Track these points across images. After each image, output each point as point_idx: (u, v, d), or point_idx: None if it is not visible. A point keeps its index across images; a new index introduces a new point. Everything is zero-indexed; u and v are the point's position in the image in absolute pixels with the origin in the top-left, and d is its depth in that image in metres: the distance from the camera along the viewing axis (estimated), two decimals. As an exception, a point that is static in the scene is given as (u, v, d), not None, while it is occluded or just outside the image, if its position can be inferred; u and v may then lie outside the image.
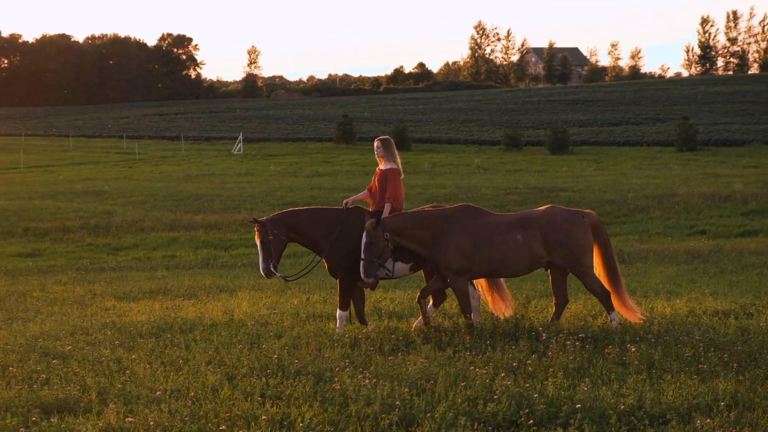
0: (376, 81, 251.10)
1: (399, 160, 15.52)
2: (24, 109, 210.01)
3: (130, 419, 9.96)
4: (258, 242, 14.91)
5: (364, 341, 14.20)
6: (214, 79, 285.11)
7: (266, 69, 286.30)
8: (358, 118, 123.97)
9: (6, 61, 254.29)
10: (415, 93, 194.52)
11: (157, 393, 11.17)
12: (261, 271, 15.08)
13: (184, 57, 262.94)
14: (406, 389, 11.07)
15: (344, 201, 15.44)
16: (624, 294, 15.12)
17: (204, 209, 46.16)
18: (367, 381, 11.57)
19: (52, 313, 19.34)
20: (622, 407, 10.17)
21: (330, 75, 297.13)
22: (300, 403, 10.72)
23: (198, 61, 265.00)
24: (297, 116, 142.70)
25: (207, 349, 14.02)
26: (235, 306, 19.04)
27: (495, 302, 15.52)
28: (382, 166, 15.36)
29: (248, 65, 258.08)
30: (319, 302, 19.50)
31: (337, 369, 12.32)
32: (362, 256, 14.27)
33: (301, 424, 9.91)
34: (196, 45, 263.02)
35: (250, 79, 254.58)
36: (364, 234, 14.27)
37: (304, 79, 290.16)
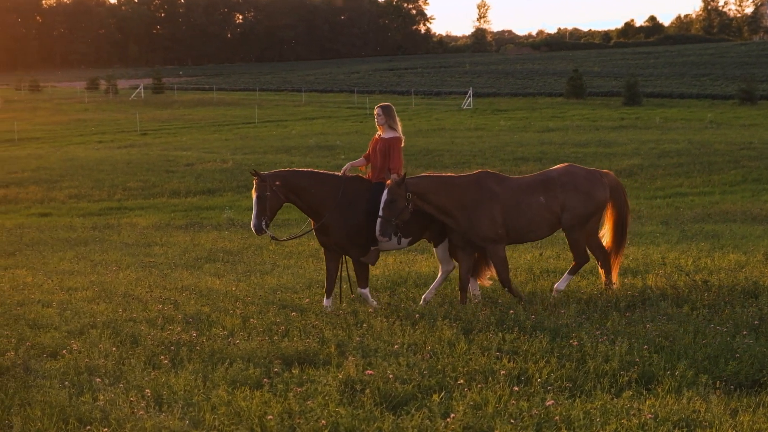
0: (606, 35, 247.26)
1: (400, 128, 14.76)
2: (257, 64, 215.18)
3: (369, 372, 10.08)
4: (254, 196, 14.06)
5: (600, 297, 14.04)
6: (444, 34, 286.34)
7: (495, 23, 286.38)
8: (588, 72, 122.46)
9: (240, 17, 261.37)
10: (646, 47, 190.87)
11: (395, 346, 11.28)
12: (252, 226, 14.22)
13: (414, 12, 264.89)
14: (645, 346, 10.87)
15: (342, 168, 14.64)
16: (620, 257, 14.88)
17: (434, 164, 46.29)
18: (605, 337, 11.40)
19: (288, 266, 19.79)
20: None
21: (559, 29, 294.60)
22: (537, 358, 10.65)
23: (428, 16, 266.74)
24: (526, 71, 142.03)
25: (442, 303, 14.12)
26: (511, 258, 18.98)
27: (481, 269, 15.00)
28: (384, 134, 14.58)
29: (477, 20, 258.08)
30: (552, 258, 19.34)
31: (573, 325, 12.19)
32: (381, 213, 13.51)
33: (538, 380, 9.85)
34: (426, 0, 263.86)
35: (480, 34, 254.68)
36: (386, 191, 13.55)
37: (534, 33, 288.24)
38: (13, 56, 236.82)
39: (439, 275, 14.92)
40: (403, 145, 14.56)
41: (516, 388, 9.56)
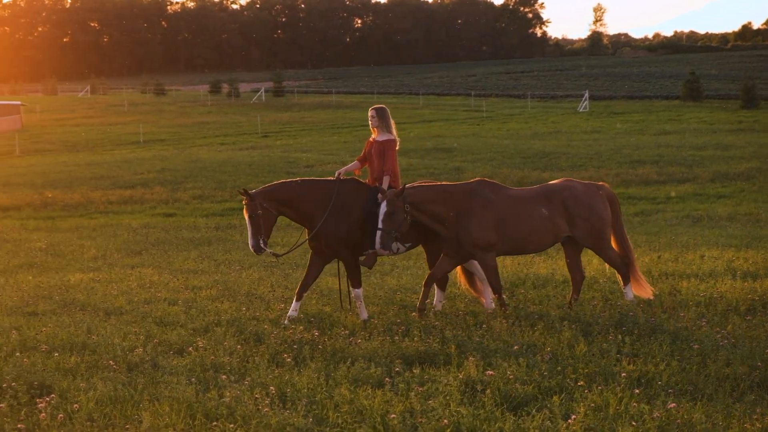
0: (723, 38, 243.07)
1: (395, 130, 14.39)
2: (376, 68, 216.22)
3: (489, 372, 10.15)
4: (246, 216, 13.74)
5: (720, 300, 13.91)
6: (560, 37, 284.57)
7: (611, 26, 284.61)
8: (705, 75, 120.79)
9: (359, 22, 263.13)
10: (764, 50, 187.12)
11: (515, 347, 11.34)
12: (250, 247, 13.86)
13: (530, 15, 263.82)
14: (767, 350, 10.76)
15: (336, 172, 14.30)
16: (636, 268, 14.41)
17: (551, 166, 46.13)
18: (726, 341, 11.31)
19: (407, 267, 19.92)
20: None
21: (675, 32, 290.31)
22: (657, 361, 10.62)
23: (544, 20, 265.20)
24: (642, 74, 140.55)
25: (560, 304, 14.14)
26: (586, 262, 18.95)
27: (473, 283, 14.68)
28: (378, 137, 14.26)
29: (593, 23, 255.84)
30: (671, 260, 19.17)
31: (693, 328, 12.12)
32: (380, 226, 13.26)
33: (659, 383, 9.83)
34: (542, 3, 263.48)
35: (596, 37, 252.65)
36: (384, 203, 13.26)
37: (650, 36, 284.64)
38: (138, 60, 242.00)
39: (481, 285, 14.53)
40: (398, 147, 14.33)
41: (636, 391, 9.56)
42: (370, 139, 14.42)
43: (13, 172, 51.84)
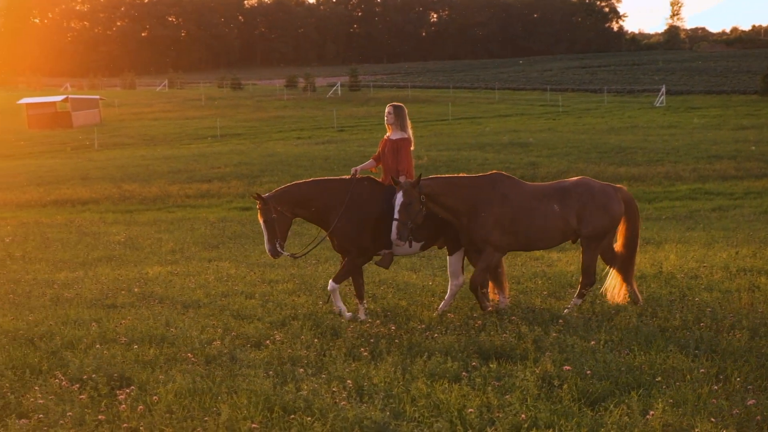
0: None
1: (411, 130, 14.13)
2: (451, 62, 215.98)
3: (567, 367, 10.13)
4: (261, 221, 13.68)
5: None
6: (636, 32, 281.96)
7: (689, 21, 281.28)
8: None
9: (435, 16, 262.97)
10: None
11: (591, 342, 11.30)
12: (267, 251, 13.74)
13: (607, 10, 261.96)
14: None
15: (352, 169, 14.09)
16: (632, 272, 14.11)
17: (627, 161, 45.78)
18: (807, 338, 11.20)
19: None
20: None
21: (753, 26, 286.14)
22: (735, 357, 10.53)
23: (620, 14, 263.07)
24: (720, 68, 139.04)
25: (635, 300, 14.03)
26: (663, 258, 18.85)
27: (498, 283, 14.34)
28: (392, 135, 14.00)
29: (670, 17, 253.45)
30: (749, 256, 18.96)
31: (772, 325, 12.01)
32: (396, 216, 13.05)
33: (738, 379, 9.74)
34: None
35: (672, 31, 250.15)
36: (400, 194, 13.06)
37: (727, 30, 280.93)
38: (216, 55, 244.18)
39: (449, 290, 14.23)
40: (412, 147, 14.08)
41: (715, 387, 9.48)
42: (385, 137, 14.24)
43: (92, 165, 52.56)
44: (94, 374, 10.33)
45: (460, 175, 13.96)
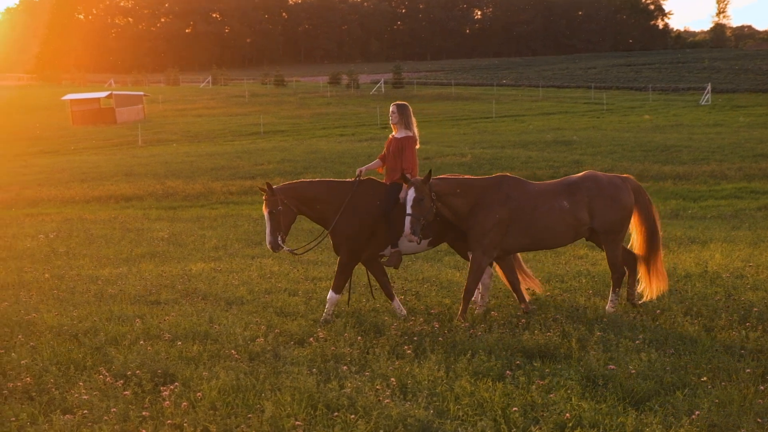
0: None
1: (416, 128, 14.01)
2: (495, 59, 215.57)
3: (611, 366, 10.10)
4: (265, 212, 13.65)
5: None
6: (681, 29, 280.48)
7: (735, 18, 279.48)
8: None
9: (479, 13, 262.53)
10: None
11: (636, 342, 11.26)
12: (267, 243, 13.77)
13: (652, 7, 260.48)
14: None
15: (358, 170, 14.00)
16: (659, 260, 13.89)
17: (672, 160, 45.48)
18: None
19: (526, 260, 19.81)
20: None
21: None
22: (782, 358, 10.46)
23: (665, 11, 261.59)
24: (766, 67, 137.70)
25: (683, 299, 13.95)
26: (708, 257, 18.71)
27: (524, 280, 14.28)
28: (397, 134, 13.89)
29: (716, 15, 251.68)
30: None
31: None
32: (409, 211, 12.95)
33: (784, 380, 9.68)
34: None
35: (718, 29, 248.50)
36: (412, 190, 12.97)
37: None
38: (259, 51, 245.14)
39: (481, 285, 14.11)
40: (417, 146, 14.01)
41: (761, 387, 9.41)
42: (390, 137, 14.17)
43: (136, 162, 52.84)
44: (138, 370, 10.41)
45: (467, 176, 13.92)
